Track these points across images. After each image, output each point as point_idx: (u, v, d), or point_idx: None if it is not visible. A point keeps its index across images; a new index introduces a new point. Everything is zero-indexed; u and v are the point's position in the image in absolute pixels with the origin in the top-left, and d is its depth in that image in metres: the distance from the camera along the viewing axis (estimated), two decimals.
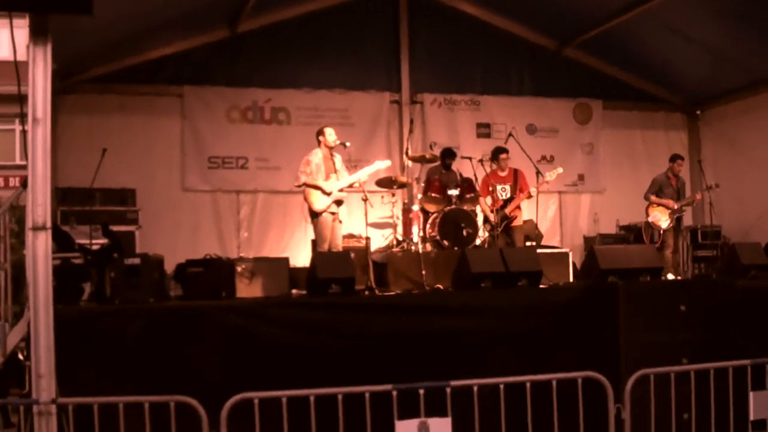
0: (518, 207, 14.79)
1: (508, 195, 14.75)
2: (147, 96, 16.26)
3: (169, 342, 9.17)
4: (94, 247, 11.68)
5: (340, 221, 13.12)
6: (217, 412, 7.19)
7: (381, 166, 13.64)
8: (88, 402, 7.56)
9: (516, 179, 14.91)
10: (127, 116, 15.96)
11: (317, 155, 13.05)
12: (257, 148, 16.79)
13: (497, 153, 15.08)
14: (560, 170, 14.95)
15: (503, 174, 14.94)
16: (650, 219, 15.49)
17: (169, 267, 11.20)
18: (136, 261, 10.14)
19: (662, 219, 15.37)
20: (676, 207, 15.37)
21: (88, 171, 13.21)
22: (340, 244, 13.13)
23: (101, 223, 12.55)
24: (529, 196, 14.68)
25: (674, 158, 15.92)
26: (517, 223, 14.76)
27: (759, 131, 17.37)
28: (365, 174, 13.22)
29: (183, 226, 16.06)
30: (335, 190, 12.88)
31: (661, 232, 15.30)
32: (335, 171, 13.08)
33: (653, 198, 15.54)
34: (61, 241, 11.20)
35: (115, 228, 12.84)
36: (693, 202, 15.87)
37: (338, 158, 13.33)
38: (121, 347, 9.02)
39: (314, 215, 12.90)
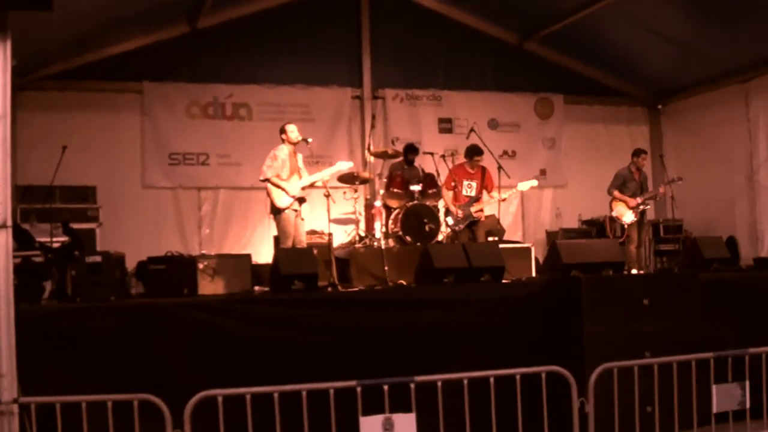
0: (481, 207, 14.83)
1: (474, 192, 14.74)
2: (107, 93, 16.19)
3: (132, 340, 9.11)
4: (55, 245, 11.59)
5: (303, 219, 13.04)
6: (182, 409, 7.14)
7: (343, 167, 13.55)
8: (51, 401, 7.49)
9: (483, 177, 14.90)
10: (87, 113, 15.91)
11: (283, 150, 12.92)
12: (218, 144, 16.76)
13: (473, 153, 14.93)
14: (534, 182, 15.04)
15: (472, 171, 14.92)
16: (614, 213, 15.49)
17: (131, 264, 11.13)
18: (98, 259, 10.04)
19: (626, 213, 15.39)
20: (638, 201, 15.39)
21: (48, 168, 13.11)
22: (304, 241, 13.04)
23: (62, 221, 12.45)
24: (503, 200, 14.78)
25: (637, 153, 15.93)
26: (479, 219, 14.76)
27: (720, 124, 17.52)
28: (327, 174, 13.13)
29: (144, 223, 16.01)
30: (297, 192, 12.79)
31: (626, 226, 15.33)
32: (298, 169, 13.01)
33: (616, 193, 15.53)
34: (22, 240, 11.10)
35: (75, 226, 12.74)
36: (656, 196, 15.87)
37: (300, 157, 13.25)
38: (85, 346, 8.94)
39: (277, 211, 12.81)
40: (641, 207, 15.44)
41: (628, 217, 15.34)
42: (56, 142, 13.71)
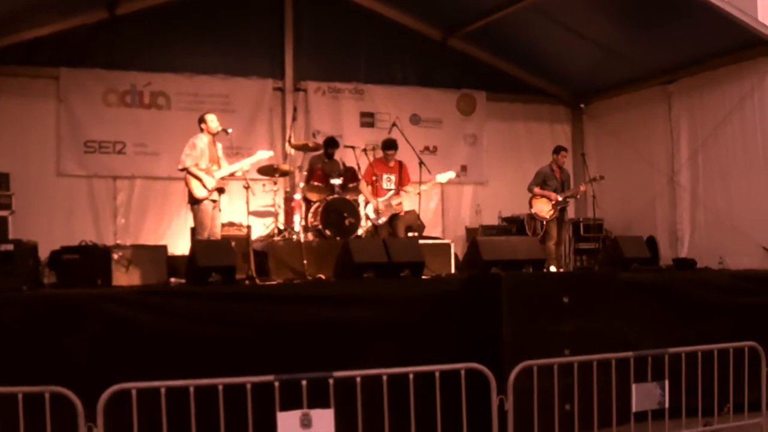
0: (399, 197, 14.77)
1: (393, 185, 14.70)
2: (21, 78, 15.87)
3: (45, 331, 8.89)
4: None
5: (220, 209, 12.88)
6: (96, 402, 6.95)
7: (263, 156, 13.43)
8: None
9: (401, 171, 14.86)
10: (1, 99, 15.55)
11: (202, 140, 12.75)
12: (135, 133, 16.49)
13: (385, 147, 14.95)
14: (452, 174, 15.00)
15: (390, 165, 14.86)
16: (533, 210, 15.53)
17: (44, 254, 10.91)
18: (10, 247, 9.85)
19: (545, 210, 15.43)
20: (559, 199, 15.43)
21: None
22: (218, 233, 12.89)
23: None
24: (418, 194, 14.71)
25: (558, 150, 16.01)
26: (399, 213, 14.72)
27: (642, 125, 17.65)
28: (247, 164, 13.02)
29: (58, 211, 15.74)
30: (214, 184, 12.60)
31: (544, 223, 15.36)
32: (217, 159, 12.83)
33: (536, 190, 15.59)
34: None
35: None
36: (577, 194, 16.00)
37: (219, 146, 13.07)
38: None
39: (195, 202, 12.62)
40: (561, 204, 15.49)
41: (547, 214, 15.37)
42: None
